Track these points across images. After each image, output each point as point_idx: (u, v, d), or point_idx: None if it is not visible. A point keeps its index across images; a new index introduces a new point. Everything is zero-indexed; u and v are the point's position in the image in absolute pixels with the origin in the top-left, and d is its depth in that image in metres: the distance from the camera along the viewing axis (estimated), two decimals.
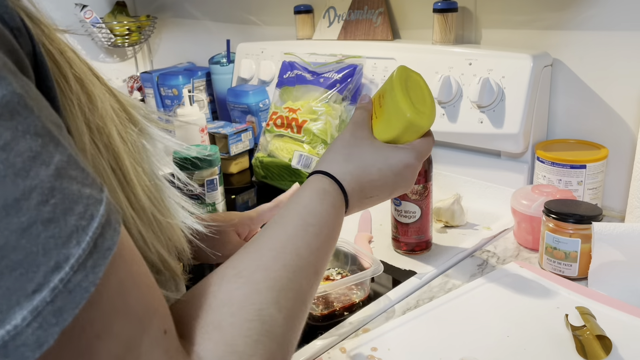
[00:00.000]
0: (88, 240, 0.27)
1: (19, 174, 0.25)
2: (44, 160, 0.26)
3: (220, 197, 0.92)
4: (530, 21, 0.98)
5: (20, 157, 0.25)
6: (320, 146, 1.10)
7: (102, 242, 0.27)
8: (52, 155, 0.27)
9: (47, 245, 0.25)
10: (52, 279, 0.25)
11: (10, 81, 0.26)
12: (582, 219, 0.72)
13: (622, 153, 0.92)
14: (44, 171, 0.26)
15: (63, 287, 0.25)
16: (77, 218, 0.27)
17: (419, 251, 0.84)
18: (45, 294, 0.25)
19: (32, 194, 0.25)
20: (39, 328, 0.24)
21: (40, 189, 0.25)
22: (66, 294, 0.25)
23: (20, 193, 0.25)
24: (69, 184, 0.27)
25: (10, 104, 0.25)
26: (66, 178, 0.27)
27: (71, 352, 0.27)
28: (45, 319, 0.25)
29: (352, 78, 1.13)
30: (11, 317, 0.24)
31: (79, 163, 0.28)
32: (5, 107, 0.25)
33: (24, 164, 0.25)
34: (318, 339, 0.65)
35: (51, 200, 0.26)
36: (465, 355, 0.60)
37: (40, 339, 0.24)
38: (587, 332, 0.61)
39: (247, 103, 1.31)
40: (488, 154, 1.02)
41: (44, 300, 0.25)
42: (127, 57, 1.92)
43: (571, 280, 0.73)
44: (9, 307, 0.24)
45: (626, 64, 0.88)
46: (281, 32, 1.46)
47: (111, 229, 0.28)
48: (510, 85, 0.93)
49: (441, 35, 1.06)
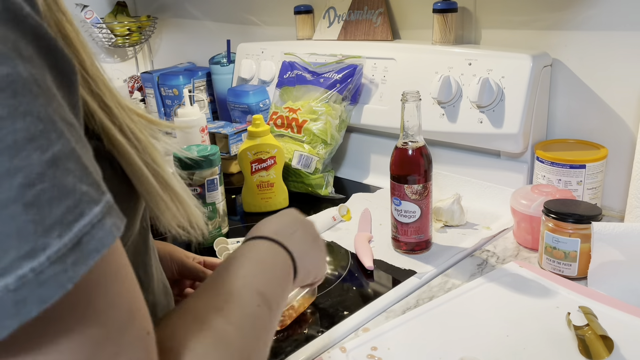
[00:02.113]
0: (72, 237, 0.25)
1: (6, 151, 0.24)
2: (41, 145, 0.25)
3: (221, 197, 0.92)
4: (530, 21, 0.98)
5: (12, 136, 0.24)
6: (320, 146, 1.10)
7: (88, 241, 0.26)
8: (52, 143, 0.26)
9: (24, 229, 0.24)
10: (22, 265, 0.24)
11: (17, 63, 0.25)
12: (582, 218, 0.72)
13: (621, 153, 0.92)
14: (37, 155, 0.25)
15: (33, 278, 0.24)
16: (63, 210, 0.25)
17: (419, 251, 0.84)
18: (9, 280, 0.23)
19: (18, 174, 0.24)
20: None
21: (27, 172, 0.24)
22: (35, 285, 0.24)
23: (4, 170, 0.24)
24: (63, 176, 0.26)
25: (14, 84, 0.25)
26: (62, 169, 0.26)
27: (30, 346, 0.26)
28: (2, 307, 0.23)
29: (352, 78, 1.13)
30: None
31: (83, 161, 0.28)
32: (7, 85, 0.24)
33: (16, 143, 0.24)
34: (318, 339, 0.65)
35: (38, 186, 0.25)
36: (465, 354, 0.61)
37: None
38: (590, 331, 0.61)
39: (247, 103, 1.31)
40: (488, 154, 1.02)
41: (5, 287, 0.23)
42: (128, 57, 1.92)
43: (571, 280, 0.74)
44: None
45: (626, 64, 0.89)
46: (281, 32, 1.46)
47: (104, 231, 0.27)
48: (510, 86, 0.93)
49: (441, 35, 1.06)
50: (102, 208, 0.27)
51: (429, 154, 0.81)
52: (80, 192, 0.26)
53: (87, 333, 0.27)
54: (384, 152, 1.13)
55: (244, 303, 0.42)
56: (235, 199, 1.12)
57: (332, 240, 0.91)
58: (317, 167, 1.09)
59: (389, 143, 1.02)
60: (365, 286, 0.77)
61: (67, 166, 0.26)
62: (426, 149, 0.81)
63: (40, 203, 0.24)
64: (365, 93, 1.15)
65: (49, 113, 0.26)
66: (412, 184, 0.80)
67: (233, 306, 0.41)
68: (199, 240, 0.46)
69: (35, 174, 0.25)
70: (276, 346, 0.64)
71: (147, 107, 1.67)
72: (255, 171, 1.03)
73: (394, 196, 0.82)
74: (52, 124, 0.26)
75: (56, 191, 0.25)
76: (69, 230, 0.25)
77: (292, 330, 0.67)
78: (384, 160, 0.95)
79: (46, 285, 0.24)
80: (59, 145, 0.26)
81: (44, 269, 0.24)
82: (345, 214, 0.99)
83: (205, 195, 0.89)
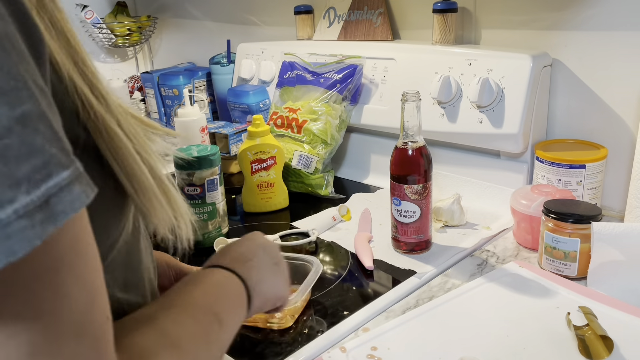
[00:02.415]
0: (39, 195, 0.25)
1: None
2: (10, 101, 0.25)
3: (221, 197, 0.92)
4: (529, 21, 0.98)
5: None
6: (320, 146, 1.11)
7: (56, 202, 0.26)
8: (22, 101, 0.25)
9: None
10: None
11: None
12: (582, 218, 0.72)
13: (621, 153, 0.92)
14: (5, 110, 0.24)
15: (0, 229, 0.23)
16: (31, 168, 0.25)
17: (419, 251, 0.84)
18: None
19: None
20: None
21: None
22: (2, 237, 0.24)
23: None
24: (32, 135, 0.25)
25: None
26: (30, 128, 0.25)
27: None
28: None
29: (352, 78, 1.13)
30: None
31: (53, 125, 0.27)
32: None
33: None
34: (318, 339, 0.65)
35: (5, 139, 0.24)
36: (465, 354, 0.61)
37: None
38: (589, 331, 0.61)
39: (247, 103, 1.31)
40: (487, 154, 1.02)
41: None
42: (128, 58, 1.92)
43: (570, 280, 0.74)
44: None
45: (626, 64, 0.89)
46: (281, 33, 1.46)
47: (72, 195, 0.27)
48: (510, 86, 0.93)
49: (441, 35, 1.06)
50: (71, 173, 0.27)
51: (429, 154, 0.81)
52: (49, 154, 0.26)
53: (47, 309, 0.27)
54: (384, 152, 1.13)
55: (198, 317, 0.42)
56: (235, 199, 1.12)
57: (332, 240, 0.91)
58: (317, 167, 1.09)
59: (389, 143, 1.02)
60: (365, 286, 0.77)
61: (36, 126, 0.26)
62: (426, 149, 0.81)
63: (6, 157, 0.24)
64: (365, 93, 1.15)
65: (21, 72, 0.26)
66: (412, 184, 0.80)
67: (186, 317, 0.41)
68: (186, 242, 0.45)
69: (3, 128, 0.24)
70: (276, 346, 0.64)
71: (147, 107, 1.67)
72: (255, 171, 1.03)
73: (394, 196, 0.82)
74: (24, 82, 0.26)
75: (24, 149, 0.25)
76: (37, 188, 0.25)
77: (292, 330, 0.67)
78: (384, 160, 0.95)
79: (13, 238, 0.24)
80: (29, 104, 0.26)
81: (10, 222, 0.24)
82: (345, 214, 0.99)
83: (205, 195, 0.89)
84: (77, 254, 0.29)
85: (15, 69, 0.25)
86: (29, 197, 0.24)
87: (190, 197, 0.89)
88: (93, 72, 0.35)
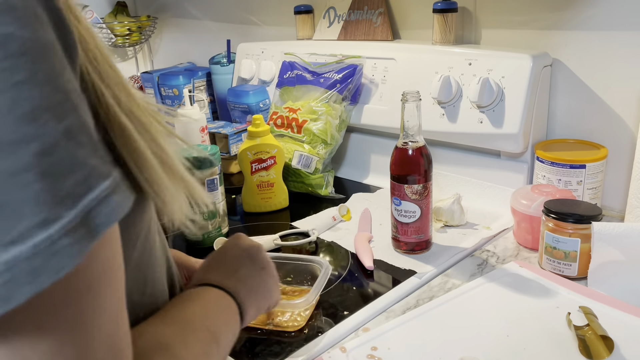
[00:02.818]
0: (81, 209, 0.25)
1: (23, 117, 0.24)
2: (57, 115, 0.25)
3: (221, 197, 0.92)
4: (530, 21, 0.98)
5: (30, 102, 0.24)
6: (320, 146, 1.10)
7: (95, 215, 0.26)
8: (67, 114, 0.26)
9: (39, 197, 0.24)
10: (37, 234, 0.23)
11: (37, 28, 0.25)
12: (582, 218, 0.72)
13: (621, 153, 0.92)
14: (53, 125, 0.25)
15: (48, 247, 0.23)
16: (73, 183, 0.25)
17: (419, 251, 0.84)
18: (24, 248, 0.23)
19: (34, 141, 0.24)
20: (7, 284, 0.22)
21: (43, 140, 0.24)
22: (49, 255, 0.24)
23: (20, 136, 0.23)
24: (75, 148, 0.26)
25: (35, 49, 0.24)
26: (75, 141, 0.26)
27: (32, 322, 0.25)
28: (17, 275, 0.23)
29: (352, 78, 1.13)
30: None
31: (92, 135, 0.27)
32: (28, 49, 0.24)
33: (34, 110, 0.24)
34: (318, 339, 0.65)
35: (53, 155, 0.24)
36: (465, 354, 0.61)
37: (5, 296, 0.22)
38: (590, 331, 0.61)
39: (247, 103, 1.31)
40: (488, 153, 1.02)
41: (20, 255, 0.23)
42: (128, 57, 1.92)
43: (571, 280, 0.74)
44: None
45: (626, 64, 0.89)
46: (281, 32, 1.46)
47: (110, 206, 0.27)
48: (510, 85, 0.93)
49: (441, 35, 1.06)
50: (111, 183, 0.27)
51: (429, 154, 0.81)
52: (90, 166, 0.26)
53: (85, 324, 0.27)
54: (384, 152, 1.13)
55: (200, 337, 0.43)
56: (235, 199, 1.12)
57: (332, 240, 0.91)
58: (317, 167, 1.09)
59: (389, 143, 1.02)
60: (365, 286, 0.77)
61: (79, 139, 0.26)
62: (426, 149, 0.81)
63: (54, 173, 0.24)
64: (365, 93, 1.15)
65: (64, 83, 0.26)
66: (412, 184, 0.80)
67: (192, 338, 0.42)
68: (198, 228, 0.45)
69: (51, 143, 0.24)
70: (276, 346, 0.64)
71: None
72: (255, 171, 1.03)
73: (394, 196, 0.82)
74: (67, 94, 0.26)
75: (68, 163, 0.25)
76: (79, 202, 0.25)
77: (292, 331, 0.67)
78: (384, 160, 0.95)
79: (58, 256, 0.24)
80: (73, 116, 0.26)
81: (57, 239, 0.24)
82: (345, 214, 0.99)
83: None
84: (111, 267, 0.29)
85: (60, 81, 0.26)
86: (72, 213, 0.25)
87: None
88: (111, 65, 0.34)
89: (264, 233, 0.93)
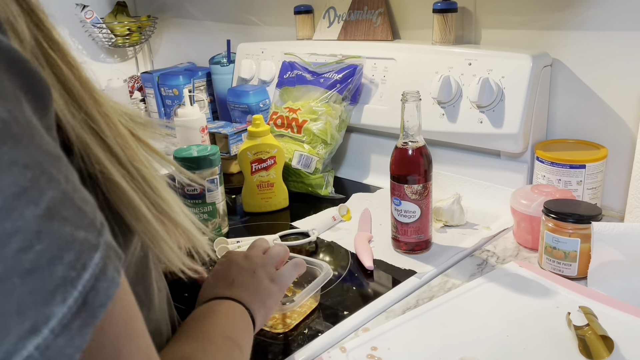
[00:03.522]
0: (76, 296, 0.23)
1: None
2: (33, 198, 0.22)
3: (221, 197, 0.92)
4: (529, 21, 0.98)
5: (1, 195, 0.21)
6: (320, 146, 1.10)
7: (94, 296, 0.24)
8: (43, 191, 0.23)
9: (24, 303, 0.21)
10: (26, 345, 0.21)
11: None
12: (582, 218, 0.72)
13: (621, 153, 0.92)
14: (30, 211, 0.22)
15: (39, 356, 0.21)
16: (65, 268, 0.23)
17: (419, 251, 0.84)
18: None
19: (13, 238, 0.21)
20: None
21: (23, 233, 0.21)
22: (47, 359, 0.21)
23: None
24: (61, 227, 0.23)
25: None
26: (58, 219, 0.23)
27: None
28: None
29: (352, 78, 1.13)
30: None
31: (75, 200, 0.25)
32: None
33: (6, 202, 0.21)
34: (318, 339, 0.65)
35: (36, 247, 0.22)
36: (465, 354, 0.61)
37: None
38: (590, 331, 0.61)
39: (247, 103, 1.31)
40: (488, 153, 1.02)
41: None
42: (128, 57, 1.92)
43: (571, 280, 0.74)
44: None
45: (626, 64, 0.89)
46: (281, 32, 1.46)
47: (107, 279, 0.24)
48: (510, 85, 0.93)
49: (441, 35, 1.06)
50: (102, 252, 0.25)
51: (429, 154, 0.81)
52: (80, 242, 0.24)
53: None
54: (384, 152, 1.13)
55: (223, 347, 0.44)
56: (235, 199, 1.12)
57: (332, 240, 0.91)
58: (317, 167, 1.09)
59: (389, 143, 1.02)
60: (365, 286, 0.77)
61: (62, 214, 0.23)
62: (426, 149, 0.81)
63: (39, 268, 0.22)
64: (365, 93, 1.15)
65: (34, 155, 0.23)
66: (412, 184, 0.80)
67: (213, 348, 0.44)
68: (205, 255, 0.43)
69: (32, 234, 0.22)
70: (276, 346, 0.64)
71: (147, 107, 1.67)
72: (255, 171, 1.03)
73: (394, 196, 0.82)
74: (39, 166, 0.23)
75: (56, 248, 0.23)
76: (73, 289, 0.23)
77: (292, 330, 0.67)
78: (384, 160, 0.95)
79: (59, 356, 0.22)
80: (51, 191, 0.23)
81: (49, 344, 0.22)
82: (345, 214, 0.99)
83: (205, 195, 0.89)
84: (126, 323, 0.28)
85: (29, 155, 0.23)
86: (65, 306, 0.22)
87: (190, 197, 0.89)
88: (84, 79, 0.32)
89: (264, 233, 0.93)
